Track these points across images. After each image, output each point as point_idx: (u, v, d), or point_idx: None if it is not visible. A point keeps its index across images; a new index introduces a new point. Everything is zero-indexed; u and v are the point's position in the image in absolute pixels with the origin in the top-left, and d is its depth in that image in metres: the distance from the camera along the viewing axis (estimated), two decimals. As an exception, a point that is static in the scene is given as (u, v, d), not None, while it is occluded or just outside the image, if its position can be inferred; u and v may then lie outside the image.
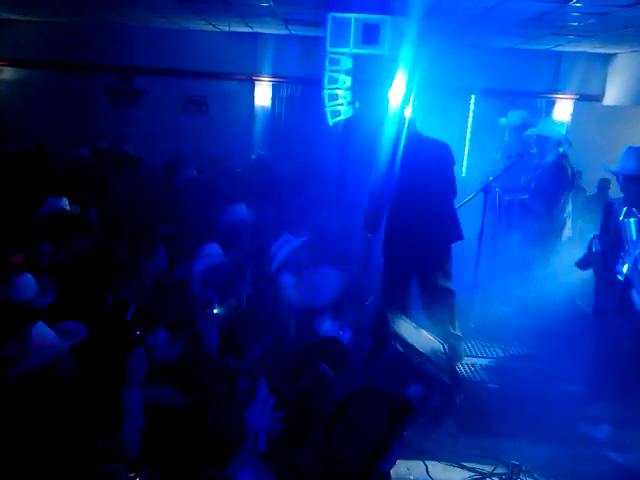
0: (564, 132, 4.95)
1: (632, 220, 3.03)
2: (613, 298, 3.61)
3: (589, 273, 4.13)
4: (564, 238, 5.03)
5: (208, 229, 4.45)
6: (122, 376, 2.52)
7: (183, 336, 2.86)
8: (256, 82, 9.01)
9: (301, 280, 4.23)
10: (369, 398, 2.37)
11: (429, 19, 6.51)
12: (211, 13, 7.36)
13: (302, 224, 5.21)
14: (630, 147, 3.74)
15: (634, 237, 2.92)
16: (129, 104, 9.05)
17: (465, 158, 8.60)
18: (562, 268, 4.96)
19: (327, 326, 4.04)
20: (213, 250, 3.91)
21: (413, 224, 4.07)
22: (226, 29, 8.53)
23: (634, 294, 2.45)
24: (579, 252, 4.18)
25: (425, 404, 3.77)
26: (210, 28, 8.58)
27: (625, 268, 2.76)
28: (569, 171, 4.80)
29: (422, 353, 3.83)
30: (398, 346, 3.77)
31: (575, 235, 5.03)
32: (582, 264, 4.04)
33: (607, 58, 8.65)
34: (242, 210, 4.69)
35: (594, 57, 8.61)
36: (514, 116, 5.52)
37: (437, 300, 4.18)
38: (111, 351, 2.69)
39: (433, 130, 5.94)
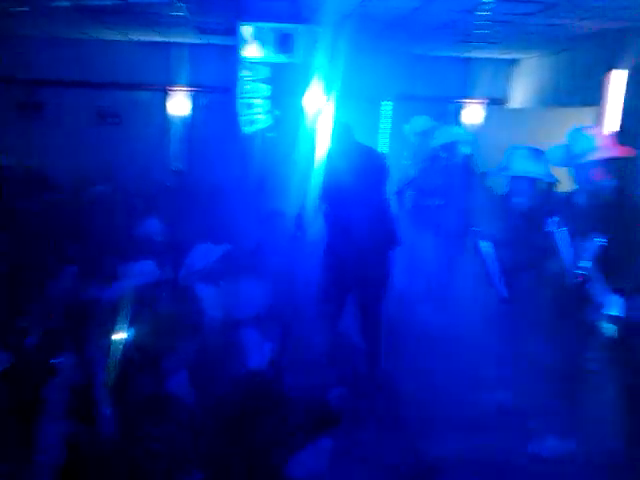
0: (463, 133, 5.16)
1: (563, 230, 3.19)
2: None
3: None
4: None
5: (122, 246, 4.32)
6: (38, 408, 2.38)
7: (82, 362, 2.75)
8: (171, 92, 8.85)
9: (222, 291, 4.18)
10: (287, 402, 2.39)
11: (342, 28, 6.64)
12: (122, 24, 7.19)
13: (221, 235, 5.16)
14: (514, 147, 3.97)
15: (565, 246, 3.08)
16: (35, 118, 8.65)
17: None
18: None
19: (250, 338, 4.02)
20: (147, 268, 3.78)
21: (353, 232, 4.03)
22: (138, 39, 8.36)
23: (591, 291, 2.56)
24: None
25: (348, 407, 3.82)
26: (121, 38, 8.37)
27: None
28: (476, 170, 5.02)
29: (344, 358, 3.89)
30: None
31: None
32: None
33: (511, 63, 9.10)
34: (154, 224, 4.57)
35: (500, 63, 9.03)
36: (417, 122, 5.66)
37: (370, 311, 4.17)
38: (26, 381, 2.55)
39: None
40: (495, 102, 9.14)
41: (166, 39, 8.41)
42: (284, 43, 6.29)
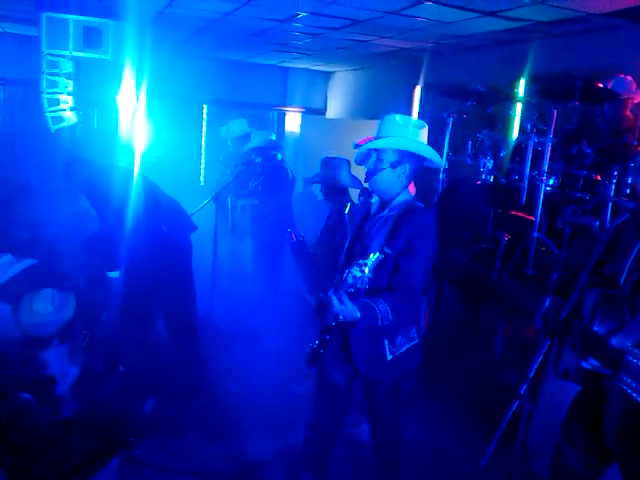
0: (274, 138, 5.33)
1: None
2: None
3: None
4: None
5: None
6: None
7: None
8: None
9: (20, 308, 3.81)
10: (72, 429, 2.25)
11: (155, 27, 6.45)
12: None
13: (27, 243, 4.69)
14: (324, 158, 4.28)
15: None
16: None
17: (203, 166, 8.77)
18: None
19: (53, 355, 3.71)
20: None
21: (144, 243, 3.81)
22: None
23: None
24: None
25: (162, 417, 3.70)
26: None
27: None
28: (289, 174, 5.19)
29: (157, 366, 3.74)
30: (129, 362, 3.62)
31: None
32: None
33: (327, 75, 9.58)
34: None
35: (316, 74, 9.47)
36: (234, 126, 5.71)
37: (177, 316, 4.00)
38: None
39: (168, 137, 5.87)
40: (313, 112, 9.54)
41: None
42: (91, 37, 5.93)
